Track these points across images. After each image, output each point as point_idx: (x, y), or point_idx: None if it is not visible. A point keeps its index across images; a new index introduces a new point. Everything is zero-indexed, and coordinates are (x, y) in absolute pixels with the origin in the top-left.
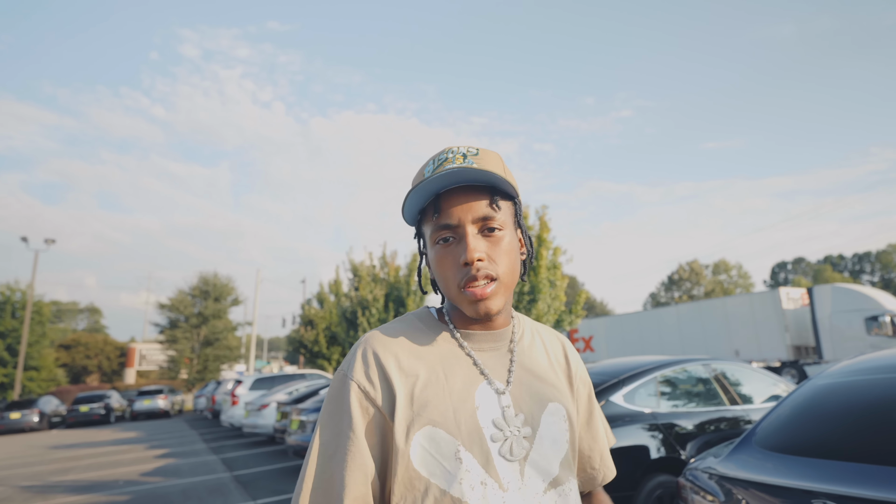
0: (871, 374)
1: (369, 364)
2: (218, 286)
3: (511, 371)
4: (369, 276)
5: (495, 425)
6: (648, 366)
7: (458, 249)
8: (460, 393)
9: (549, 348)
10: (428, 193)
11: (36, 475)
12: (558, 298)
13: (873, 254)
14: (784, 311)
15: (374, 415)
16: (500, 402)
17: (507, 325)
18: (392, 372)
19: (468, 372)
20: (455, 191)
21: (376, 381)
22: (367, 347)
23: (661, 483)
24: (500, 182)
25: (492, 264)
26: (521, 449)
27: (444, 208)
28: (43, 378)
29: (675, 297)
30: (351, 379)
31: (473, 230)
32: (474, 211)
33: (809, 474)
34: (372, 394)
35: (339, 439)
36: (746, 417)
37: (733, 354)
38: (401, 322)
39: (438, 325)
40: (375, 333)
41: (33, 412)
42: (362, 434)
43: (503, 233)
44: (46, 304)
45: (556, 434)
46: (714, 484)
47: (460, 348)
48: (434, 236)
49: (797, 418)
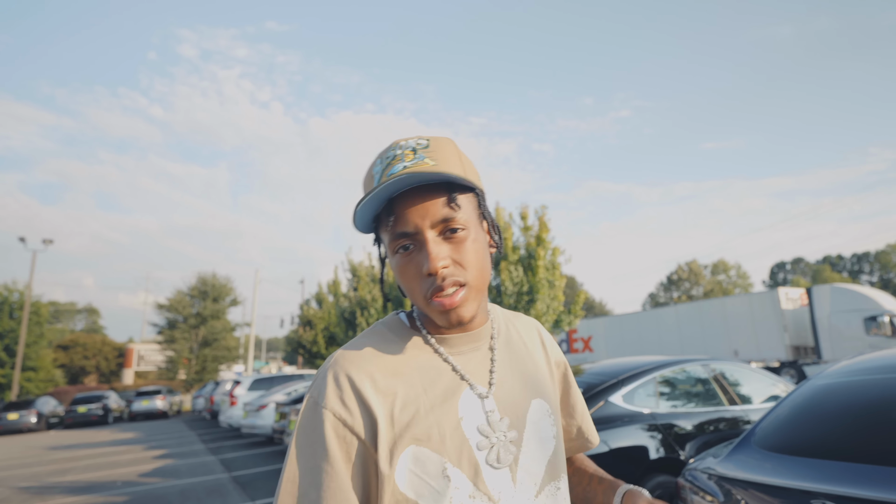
0: (869, 374)
1: (343, 388)
2: (216, 286)
3: (493, 372)
4: (368, 277)
5: (480, 433)
6: (647, 366)
7: (420, 258)
8: (442, 405)
9: (526, 338)
10: (379, 202)
11: (34, 476)
12: (557, 298)
13: (872, 254)
14: (783, 312)
15: (354, 444)
16: (484, 406)
17: (485, 323)
18: (368, 394)
19: (448, 380)
20: (409, 193)
21: (353, 407)
22: (337, 370)
23: (661, 483)
24: (456, 179)
25: (458, 269)
26: (509, 454)
27: (399, 214)
28: (41, 379)
29: (674, 298)
30: (324, 407)
31: (433, 235)
32: (432, 214)
33: (808, 474)
34: (349, 421)
35: (314, 475)
36: (745, 418)
37: (732, 354)
38: (370, 336)
39: (410, 332)
40: (345, 353)
41: (31, 413)
42: (341, 467)
43: (466, 232)
44: (44, 304)
45: (543, 432)
46: (713, 484)
47: (437, 355)
48: (393, 245)
49: (796, 418)
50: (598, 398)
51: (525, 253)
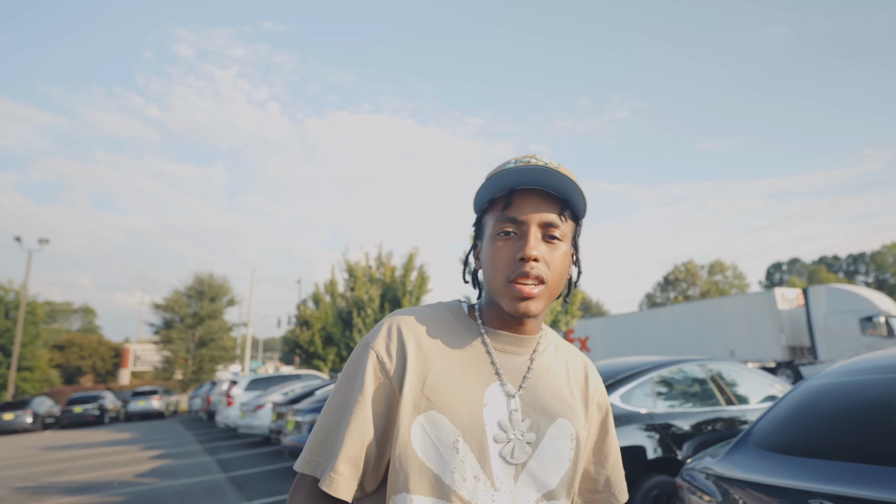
0: (866, 374)
1: (392, 338)
2: (213, 286)
3: (526, 377)
4: (365, 277)
5: (500, 426)
6: (645, 366)
7: (518, 244)
8: (471, 387)
9: (571, 367)
10: (505, 185)
11: (30, 476)
12: None
13: (868, 254)
14: (779, 312)
15: (386, 385)
16: (509, 404)
17: (535, 334)
18: (410, 351)
19: (484, 369)
20: (530, 191)
21: (394, 355)
22: (393, 322)
23: (658, 483)
24: (576, 197)
25: (545, 268)
26: (523, 454)
27: (516, 203)
28: (37, 379)
29: (670, 298)
30: (371, 347)
31: (537, 232)
32: (543, 215)
33: (806, 474)
34: (388, 365)
35: (348, 401)
36: (742, 418)
37: (729, 355)
38: (431, 308)
39: (467, 319)
40: (405, 312)
41: (27, 413)
42: (370, 400)
43: (562, 244)
44: (40, 304)
45: (560, 450)
46: (711, 484)
47: (482, 345)
48: (497, 227)
49: (793, 418)
50: None
51: None
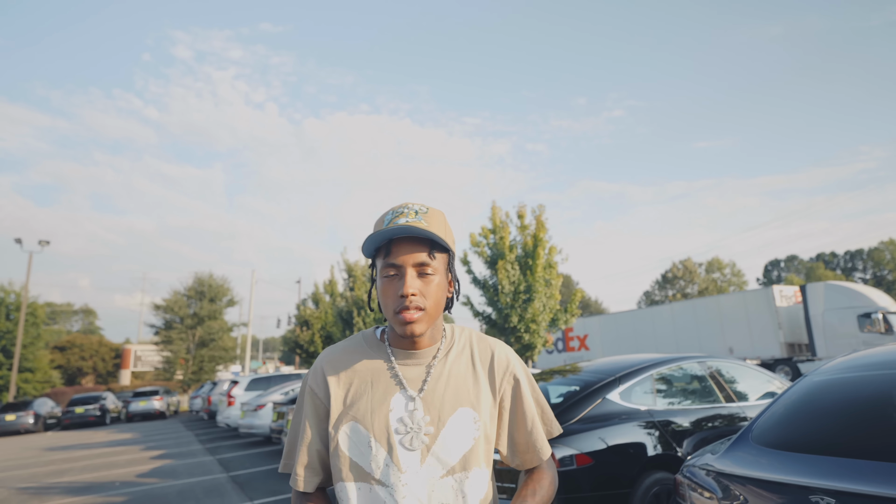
0: (865, 370)
1: (318, 373)
2: (213, 287)
3: (426, 381)
4: (364, 276)
5: (402, 422)
6: (644, 364)
7: (399, 284)
8: (380, 398)
9: (478, 358)
10: (383, 239)
11: (32, 477)
12: (553, 297)
13: (865, 251)
14: (777, 309)
15: (320, 407)
16: (408, 406)
17: (431, 346)
18: (332, 380)
19: (389, 383)
20: (404, 239)
21: (322, 385)
22: (318, 361)
23: (658, 480)
24: (438, 239)
25: (422, 299)
26: (419, 442)
27: (394, 251)
28: (38, 380)
29: (669, 296)
30: (307, 384)
31: (412, 272)
32: (415, 257)
33: (806, 470)
34: (319, 394)
35: (299, 422)
36: (742, 414)
37: (727, 352)
38: (350, 341)
39: (377, 343)
40: (327, 352)
41: (28, 414)
42: (312, 421)
43: (434, 277)
44: (41, 305)
45: (461, 431)
46: (711, 480)
47: (388, 363)
48: (383, 271)
49: (793, 415)
50: (596, 396)
51: (522, 252)
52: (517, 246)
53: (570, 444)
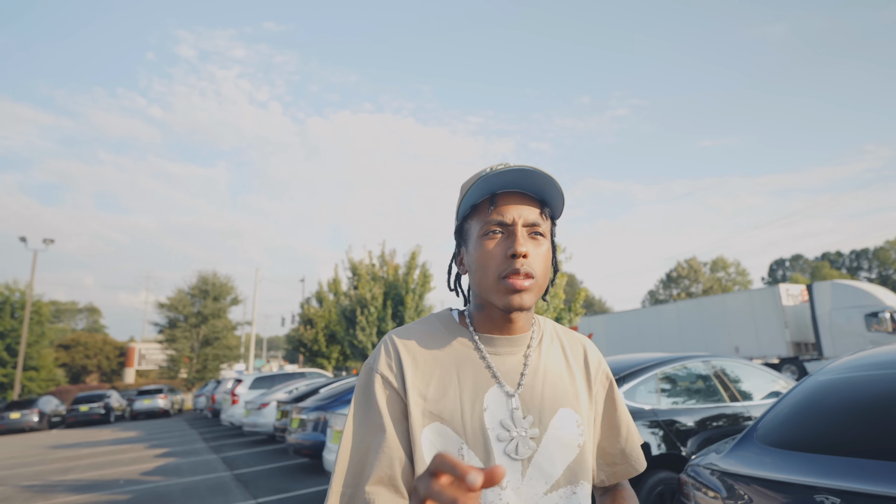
0: (871, 369)
1: (391, 356)
2: (217, 285)
3: (524, 375)
4: (368, 275)
5: (503, 426)
6: (649, 363)
7: (507, 243)
8: (470, 394)
9: (569, 352)
10: (488, 189)
11: (36, 475)
12: (557, 296)
13: (871, 251)
14: (784, 308)
15: (399, 403)
16: (510, 404)
17: (526, 331)
18: (408, 369)
19: (481, 375)
20: (512, 193)
21: (396, 372)
22: (389, 343)
23: (663, 479)
24: (554, 197)
25: (533, 264)
26: (527, 449)
27: (501, 205)
28: (42, 378)
29: (673, 295)
30: (376, 371)
31: (523, 231)
32: (527, 215)
33: (811, 470)
34: (394, 381)
35: (370, 427)
36: (746, 414)
37: (733, 351)
38: (423, 323)
39: (458, 328)
40: (399, 333)
41: (33, 412)
42: (390, 422)
43: (545, 241)
44: (45, 303)
45: (565, 438)
46: (716, 480)
47: (476, 351)
48: (484, 228)
49: (798, 414)
50: None
51: None
52: None
53: None
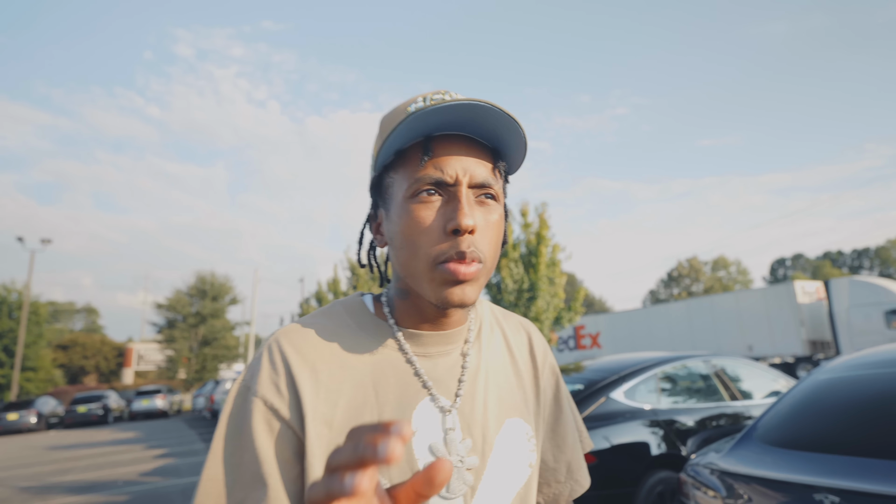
0: (871, 368)
1: (279, 373)
2: (215, 285)
3: (462, 381)
4: (368, 275)
5: (433, 452)
6: (649, 362)
7: (447, 211)
8: (392, 415)
9: (512, 341)
10: (420, 130)
11: (34, 476)
12: (557, 296)
13: (872, 249)
14: (799, 306)
15: (289, 438)
16: (444, 422)
17: (463, 323)
18: (305, 386)
19: (407, 385)
20: (454, 138)
21: (286, 395)
22: (275, 350)
23: (662, 479)
24: (515, 148)
25: (480, 240)
26: (462, 484)
27: (439, 155)
28: (40, 379)
29: (674, 294)
30: (255, 395)
31: (470, 194)
32: (475, 171)
33: (811, 469)
34: (283, 411)
35: (239, 478)
36: (746, 413)
37: (746, 350)
38: (324, 316)
39: (374, 321)
40: (289, 331)
41: (31, 413)
42: (276, 470)
43: (498, 206)
44: (43, 304)
45: (514, 459)
46: (716, 479)
47: (400, 353)
48: (414, 188)
49: (798, 413)
50: (600, 394)
51: (525, 250)
52: (520, 244)
53: None
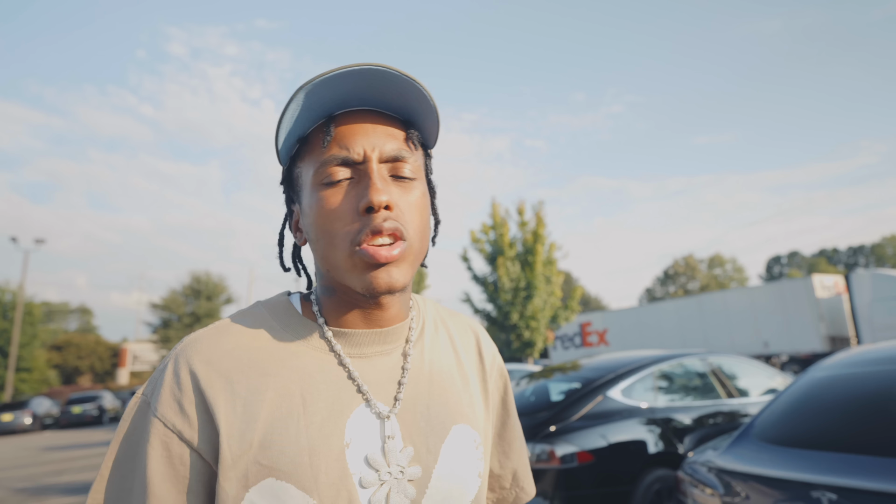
0: (867, 366)
1: (184, 389)
2: (210, 285)
3: (402, 384)
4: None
5: (369, 464)
6: (646, 361)
7: (358, 190)
8: (323, 425)
9: (458, 342)
10: (321, 110)
11: (29, 477)
12: (554, 294)
13: (868, 247)
14: (818, 301)
15: (195, 465)
16: (383, 429)
17: (402, 319)
18: (218, 400)
19: (339, 391)
20: (356, 115)
21: (192, 415)
22: (181, 362)
23: (660, 477)
24: (425, 115)
25: (402, 217)
26: (402, 498)
27: (342, 132)
28: (35, 379)
29: (670, 292)
30: (154, 413)
31: (381, 169)
32: (384, 145)
33: (808, 466)
34: (186, 433)
35: (126, 496)
36: (743, 411)
37: (762, 347)
38: (242, 317)
39: (301, 320)
40: (199, 339)
41: (25, 414)
42: (174, 492)
43: (417, 182)
44: (37, 304)
45: (462, 469)
46: (713, 477)
47: (331, 354)
48: (321, 173)
49: (795, 411)
50: (597, 393)
51: (522, 249)
52: (517, 242)
53: (571, 441)
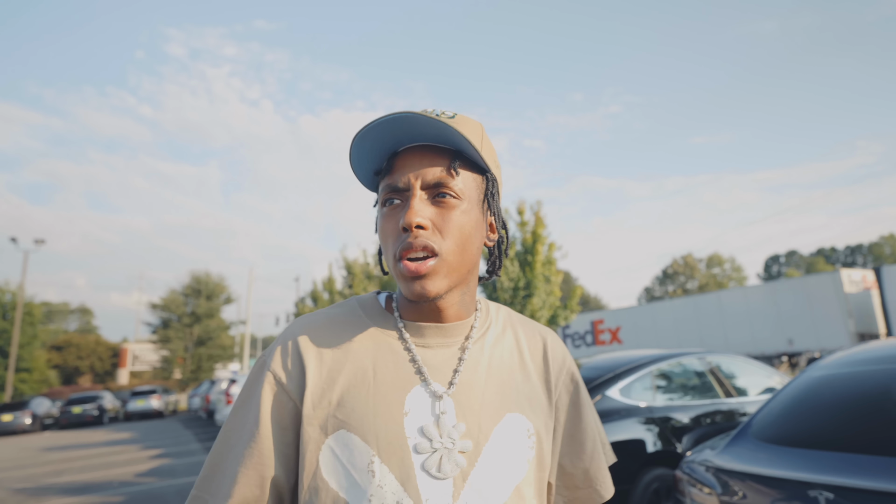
0: (864, 365)
1: (289, 353)
2: (210, 285)
3: (457, 371)
4: (363, 274)
5: (423, 434)
6: (644, 360)
7: (402, 213)
8: (387, 394)
9: (525, 346)
10: (381, 151)
11: (29, 477)
12: (553, 294)
13: (865, 246)
14: (846, 296)
15: (290, 409)
16: (436, 407)
17: (465, 319)
18: (310, 363)
19: (403, 371)
20: (412, 150)
21: (293, 372)
22: (289, 335)
23: (658, 476)
24: (462, 145)
25: (435, 235)
26: (454, 466)
27: (396, 167)
28: (35, 379)
29: (669, 291)
30: (267, 368)
31: (422, 194)
32: (426, 174)
33: (805, 465)
34: (287, 385)
35: (241, 432)
36: (741, 410)
37: (786, 344)
38: (339, 307)
39: (382, 313)
40: (304, 319)
41: (25, 414)
42: (269, 432)
43: (458, 202)
44: (37, 305)
45: (512, 452)
46: (711, 476)
47: (400, 341)
48: (380, 197)
49: (793, 410)
50: (595, 392)
51: (521, 249)
52: (516, 242)
53: None
